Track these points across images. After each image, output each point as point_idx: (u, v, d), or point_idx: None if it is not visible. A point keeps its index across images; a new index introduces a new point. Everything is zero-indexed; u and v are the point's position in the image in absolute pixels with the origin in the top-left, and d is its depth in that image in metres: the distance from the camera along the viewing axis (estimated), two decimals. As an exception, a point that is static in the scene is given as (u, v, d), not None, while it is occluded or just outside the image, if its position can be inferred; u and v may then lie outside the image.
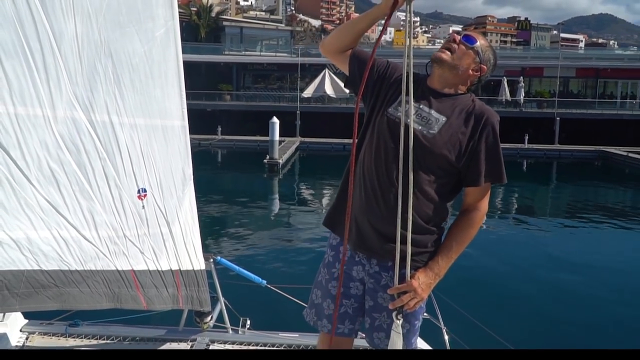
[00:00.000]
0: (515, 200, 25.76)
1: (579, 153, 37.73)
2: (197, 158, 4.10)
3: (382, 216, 2.74)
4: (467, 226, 2.79)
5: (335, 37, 2.99)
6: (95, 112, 3.41)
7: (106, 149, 3.48)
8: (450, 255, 2.77)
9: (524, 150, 37.63)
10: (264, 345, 4.42)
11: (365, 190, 2.80)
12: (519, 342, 4.93)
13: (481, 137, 2.72)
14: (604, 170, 34.98)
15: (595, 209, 23.42)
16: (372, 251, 2.83)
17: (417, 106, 2.74)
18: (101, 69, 3.40)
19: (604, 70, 49.78)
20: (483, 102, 2.81)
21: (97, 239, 3.53)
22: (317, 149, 36.97)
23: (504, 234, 18.10)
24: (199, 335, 4.47)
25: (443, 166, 2.73)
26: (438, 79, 2.80)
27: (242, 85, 52.50)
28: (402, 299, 2.68)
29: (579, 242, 17.43)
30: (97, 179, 3.47)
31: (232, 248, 15.03)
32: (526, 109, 44.65)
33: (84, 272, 3.50)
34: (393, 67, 2.94)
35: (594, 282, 12.82)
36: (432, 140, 2.69)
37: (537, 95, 48.99)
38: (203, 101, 42.77)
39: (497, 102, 44.46)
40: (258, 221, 19.29)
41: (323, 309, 3.00)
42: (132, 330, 4.49)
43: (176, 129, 3.82)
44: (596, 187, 29.10)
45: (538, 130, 40.50)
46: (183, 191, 3.92)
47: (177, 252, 3.94)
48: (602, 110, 44.16)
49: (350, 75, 2.98)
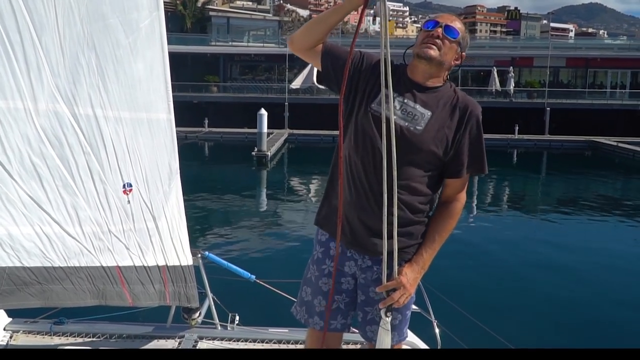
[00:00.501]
0: (505, 191, 25.87)
1: (569, 143, 37.89)
2: (184, 151, 4.08)
3: (372, 212, 2.75)
4: (448, 217, 2.86)
5: (305, 33, 2.88)
6: (79, 105, 3.38)
7: (90, 142, 3.44)
8: (434, 247, 2.83)
9: (514, 141, 37.75)
10: (254, 341, 4.40)
11: (354, 188, 2.81)
12: (510, 335, 4.95)
13: (465, 129, 2.76)
14: (594, 161, 35.16)
15: (585, 200, 23.57)
16: (364, 248, 2.84)
17: (401, 100, 2.74)
18: (84, 61, 3.36)
19: (594, 60, 49.94)
20: (465, 92, 2.83)
21: (81, 234, 3.50)
22: (306, 141, 36.92)
23: (493, 226, 18.19)
24: (187, 331, 4.44)
25: (431, 160, 2.76)
26: (422, 74, 2.79)
27: (229, 76, 52.30)
28: (393, 297, 2.71)
29: (569, 233, 17.54)
30: (80, 174, 3.43)
31: (220, 243, 15.01)
32: (516, 99, 44.75)
33: (68, 268, 3.47)
34: (368, 58, 2.89)
35: (585, 273, 12.91)
36: (419, 136, 2.71)
37: (527, 85, 49.10)
38: (189, 93, 42.62)
39: (486, 93, 44.58)
40: (246, 215, 19.26)
41: (314, 306, 3.00)
42: (118, 327, 4.45)
43: (162, 122, 3.79)
44: (586, 178, 29.24)
45: (528, 120, 40.63)
46: (169, 185, 3.89)
47: (163, 248, 3.92)
48: (592, 101, 44.33)
49: (323, 71, 2.91)
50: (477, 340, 4.65)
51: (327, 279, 2.94)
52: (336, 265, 2.87)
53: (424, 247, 2.83)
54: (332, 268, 2.90)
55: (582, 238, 16.77)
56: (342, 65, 2.78)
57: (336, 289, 2.93)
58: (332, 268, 2.90)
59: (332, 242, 2.92)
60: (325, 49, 2.89)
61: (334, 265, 2.88)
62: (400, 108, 2.72)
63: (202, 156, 34.69)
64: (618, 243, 16.37)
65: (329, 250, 2.95)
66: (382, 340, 2.74)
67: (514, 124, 38.16)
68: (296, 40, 2.90)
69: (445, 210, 2.87)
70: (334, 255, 2.89)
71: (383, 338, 2.74)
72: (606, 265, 13.69)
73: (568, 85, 51.40)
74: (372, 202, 2.75)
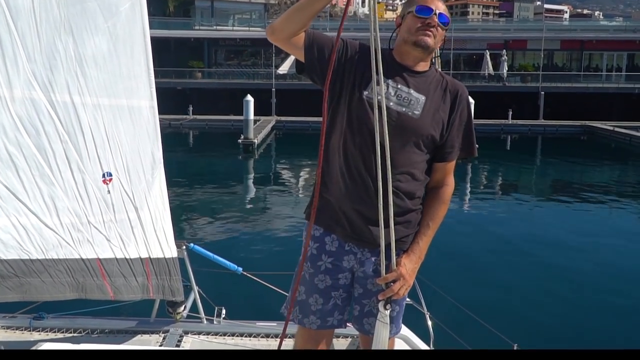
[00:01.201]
0: (499, 177, 25.96)
1: (564, 128, 38.01)
2: (168, 139, 4.06)
3: (372, 203, 2.74)
4: (441, 203, 2.90)
5: (287, 21, 2.72)
6: (56, 92, 3.36)
7: (68, 130, 3.42)
8: (429, 235, 2.87)
9: (508, 126, 37.83)
10: (241, 335, 4.40)
11: (350, 178, 2.79)
12: (506, 329, 4.96)
13: (457, 112, 2.83)
14: (590, 146, 35.32)
15: (581, 186, 23.67)
16: (364, 241, 2.84)
17: (394, 86, 2.76)
18: (61, 46, 3.34)
19: (589, 42, 50.03)
20: (457, 76, 2.83)
21: (59, 226, 3.49)
22: (294, 127, 36.87)
23: (487, 214, 18.24)
24: (171, 326, 4.42)
25: (429, 145, 2.81)
26: (414, 59, 2.82)
27: (214, 62, 52.10)
28: (393, 289, 2.74)
29: (565, 220, 17.59)
30: (58, 163, 3.42)
31: (206, 234, 14.98)
32: (510, 83, 44.81)
33: (46, 261, 3.46)
34: (352, 46, 2.84)
35: (581, 260, 12.96)
36: (418, 121, 2.74)
37: (521, 69, 49.16)
38: (173, 79, 42.42)
39: (479, 77, 44.63)
40: (233, 205, 19.23)
41: (309, 305, 2.96)
42: (100, 322, 4.43)
43: (144, 109, 3.77)
44: (582, 163, 29.36)
45: (522, 105, 40.70)
46: (152, 175, 3.88)
47: (146, 239, 3.91)
48: (587, 84, 44.45)
49: (307, 62, 2.81)
50: (471, 334, 4.66)
51: (323, 276, 2.91)
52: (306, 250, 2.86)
53: (419, 235, 2.86)
54: (329, 264, 2.89)
55: (579, 225, 16.84)
56: (328, 56, 2.75)
57: (333, 285, 2.92)
58: (329, 264, 2.89)
59: (328, 237, 2.90)
60: (309, 39, 2.79)
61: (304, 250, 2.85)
62: (395, 94, 2.74)
63: (186, 144, 34.59)
64: (615, 229, 16.48)
65: (325, 245, 2.91)
66: (380, 334, 2.75)
67: (508, 109, 38.23)
68: (277, 30, 2.74)
69: (437, 195, 2.90)
70: (331, 251, 2.89)
71: (381, 331, 2.75)
72: (604, 252, 13.76)
73: (563, 68, 51.51)
74: (371, 192, 2.74)
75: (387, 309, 2.74)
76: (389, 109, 2.70)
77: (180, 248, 4.25)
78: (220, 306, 4.59)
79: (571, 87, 43.81)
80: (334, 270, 2.91)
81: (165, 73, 40.33)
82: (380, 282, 2.76)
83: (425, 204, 2.90)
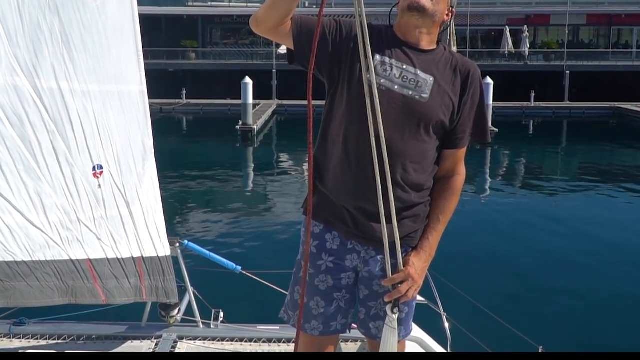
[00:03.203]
0: (520, 166, 25.91)
1: (592, 111, 37.92)
2: (159, 126, 4.06)
3: (376, 197, 2.66)
4: (451, 194, 2.85)
5: (271, 9, 2.65)
6: (41, 78, 3.36)
7: (55, 120, 3.42)
8: (439, 229, 2.83)
9: (530, 110, 37.77)
10: (240, 340, 4.37)
11: (351, 170, 2.75)
12: (527, 328, 4.97)
13: (469, 94, 2.75)
14: (620, 130, 35.22)
15: (612, 175, 23.61)
16: (369, 239, 2.80)
17: (399, 67, 2.69)
18: (46, 27, 3.34)
19: (618, 17, 49.81)
20: (474, 55, 2.78)
21: (46, 224, 3.49)
22: (297, 112, 36.66)
23: (507, 205, 18.22)
24: (165, 331, 4.40)
25: (438, 131, 2.75)
26: (414, 32, 2.71)
27: (209, 41, 52.08)
28: (400, 290, 2.69)
29: (594, 213, 17.51)
30: (45, 156, 3.42)
31: (201, 230, 15.00)
32: (532, 62, 44.73)
33: (32, 263, 3.46)
34: (346, 25, 2.78)
35: (612, 256, 12.88)
36: (427, 106, 2.67)
37: (544, 46, 49.04)
38: (164, 60, 42.45)
39: (498, 55, 44.50)
40: (230, 198, 19.25)
41: (310, 309, 2.93)
42: (87, 327, 4.39)
43: (134, 95, 3.77)
44: (612, 150, 29.31)
45: (545, 86, 40.64)
46: (143, 166, 3.88)
47: (138, 237, 3.91)
48: (616, 62, 44.33)
49: (297, 50, 2.78)
50: (492, 336, 4.65)
51: (324, 276, 2.88)
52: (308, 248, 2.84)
53: (428, 230, 2.82)
54: (330, 263, 2.87)
55: (610, 218, 16.71)
56: (320, 41, 2.66)
57: (335, 286, 2.89)
58: (330, 263, 2.87)
59: (329, 234, 2.87)
60: (296, 26, 2.75)
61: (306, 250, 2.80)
62: (400, 76, 2.68)
63: (179, 132, 34.62)
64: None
65: (326, 243, 2.88)
66: (388, 340, 2.71)
67: (530, 90, 38.15)
68: (261, 20, 2.70)
69: (447, 186, 2.85)
70: (332, 249, 2.86)
71: (389, 337, 2.71)
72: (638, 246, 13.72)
73: (589, 45, 51.36)
74: (373, 187, 2.66)
75: (395, 312, 2.69)
76: (393, 93, 2.65)
77: (174, 245, 4.22)
78: (218, 308, 4.58)
79: (599, 65, 43.68)
80: (336, 270, 2.88)
81: (156, 54, 40.33)
82: (386, 284, 2.72)
83: (434, 195, 2.85)
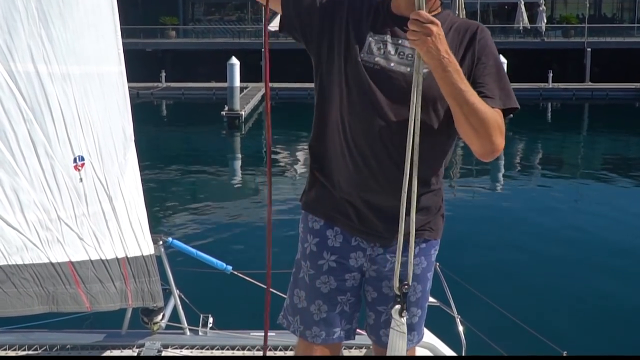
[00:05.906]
0: (537, 154, 25.94)
1: (615, 92, 37.90)
2: (136, 113, 4.02)
3: (381, 190, 2.71)
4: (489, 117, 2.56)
5: None
6: (16, 61, 3.36)
7: (32, 108, 3.43)
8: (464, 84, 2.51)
9: (548, 91, 37.77)
10: (232, 348, 4.34)
11: (352, 161, 2.75)
12: (553, 335, 5.00)
13: (480, 57, 2.65)
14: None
15: (636, 161, 23.62)
16: (374, 235, 2.81)
17: (394, 42, 2.69)
18: (21, 3, 3.34)
19: (645, -13, 49.77)
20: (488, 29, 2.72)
21: (23, 224, 3.49)
22: (288, 96, 36.63)
23: (525, 199, 18.18)
24: (147, 339, 4.35)
25: (444, 106, 2.65)
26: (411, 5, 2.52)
27: (191, 17, 51.86)
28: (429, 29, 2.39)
29: (618, 206, 17.47)
30: (21, 148, 3.43)
31: (186, 226, 15.01)
32: (549, 38, 44.63)
33: (8, 267, 3.46)
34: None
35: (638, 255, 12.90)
36: (428, 81, 2.56)
37: (562, 21, 48.96)
38: (141, 39, 42.22)
39: (512, 31, 44.44)
40: (217, 191, 19.26)
41: (311, 313, 2.92)
42: (60, 336, 4.35)
43: (113, 76, 3.78)
44: (637, 134, 29.30)
45: (564, 65, 40.60)
46: (125, 156, 3.88)
47: (122, 235, 3.90)
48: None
49: (285, 18, 2.84)
50: (512, 340, 4.69)
51: (325, 277, 2.87)
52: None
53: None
54: (333, 263, 2.86)
55: (636, 212, 16.73)
56: (307, 7, 2.74)
57: (339, 288, 2.88)
58: (333, 263, 2.86)
59: (330, 230, 2.88)
60: None
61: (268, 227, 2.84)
62: (396, 52, 2.68)
63: (158, 118, 34.55)
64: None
65: (327, 240, 2.88)
66: (396, 345, 2.67)
67: (547, 70, 38.14)
68: None
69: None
70: (335, 246, 2.86)
71: (397, 342, 2.67)
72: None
73: (613, 19, 51.28)
74: (379, 177, 2.71)
75: (403, 316, 2.64)
76: (390, 71, 2.64)
77: (157, 244, 4.21)
78: (206, 313, 4.58)
79: (623, 42, 43.59)
80: (339, 270, 2.87)
81: (132, 32, 40.11)
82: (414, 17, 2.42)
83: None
